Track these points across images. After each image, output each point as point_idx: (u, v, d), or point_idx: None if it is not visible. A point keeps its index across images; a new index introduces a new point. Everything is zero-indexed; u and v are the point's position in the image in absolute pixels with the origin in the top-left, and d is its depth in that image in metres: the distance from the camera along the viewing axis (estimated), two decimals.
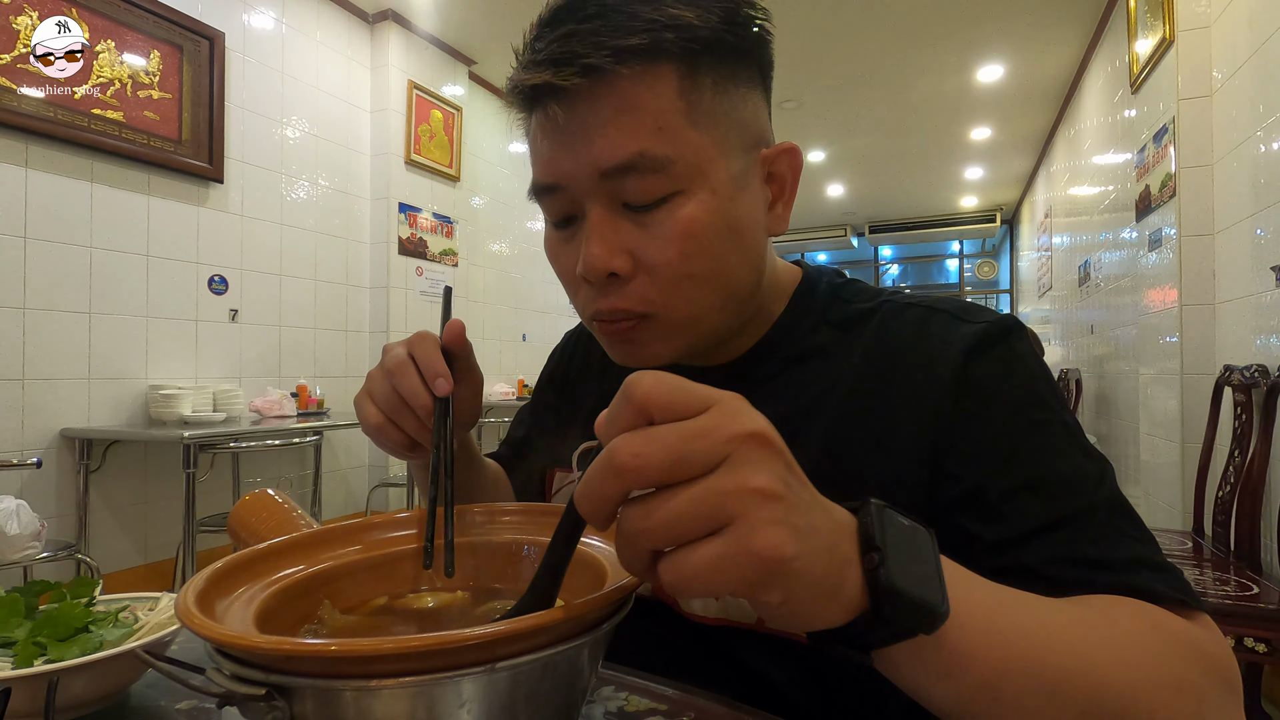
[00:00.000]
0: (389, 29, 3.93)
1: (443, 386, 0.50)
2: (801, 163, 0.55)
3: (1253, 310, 2.20)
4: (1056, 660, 0.33)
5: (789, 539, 0.26)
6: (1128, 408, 3.45)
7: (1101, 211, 3.92)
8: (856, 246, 9.97)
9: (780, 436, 0.28)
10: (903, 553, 0.30)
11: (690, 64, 0.47)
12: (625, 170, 0.46)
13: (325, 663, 0.29)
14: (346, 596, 0.45)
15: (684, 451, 0.26)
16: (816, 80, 4.79)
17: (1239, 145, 2.29)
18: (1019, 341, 0.51)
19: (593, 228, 0.48)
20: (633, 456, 0.26)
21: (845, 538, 0.30)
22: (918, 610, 0.29)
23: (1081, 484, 0.45)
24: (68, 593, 0.53)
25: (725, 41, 0.48)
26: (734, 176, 0.50)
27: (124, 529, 2.79)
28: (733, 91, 0.49)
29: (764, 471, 0.27)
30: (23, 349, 2.47)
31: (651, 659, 0.53)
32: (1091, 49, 4.18)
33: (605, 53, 0.45)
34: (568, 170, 0.48)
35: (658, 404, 0.27)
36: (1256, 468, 1.85)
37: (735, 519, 0.26)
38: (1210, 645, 0.38)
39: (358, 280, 3.88)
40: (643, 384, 0.27)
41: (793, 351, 0.57)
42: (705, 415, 0.27)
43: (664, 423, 0.27)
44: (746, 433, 0.27)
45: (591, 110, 0.46)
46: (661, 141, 0.46)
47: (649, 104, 0.46)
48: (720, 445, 0.26)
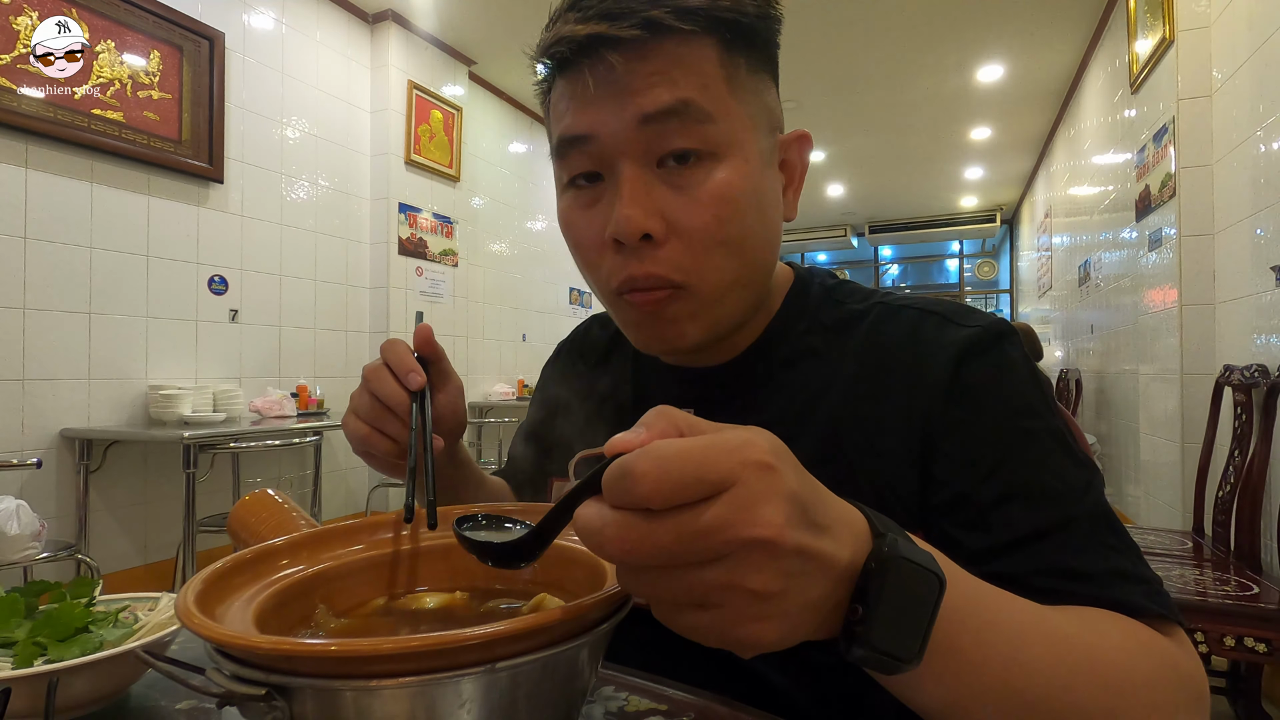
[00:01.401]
0: (389, 29, 3.93)
1: (415, 380, 0.53)
2: (811, 151, 0.56)
3: (1253, 310, 2.20)
4: (1036, 685, 0.34)
5: (772, 630, 0.27)
6: (1128, 408, 3.45)
7: (1101, 211, 3.92)
8: (856, 246, 9.97)
9: (800, 514, 0.26)
10: (893, 605, 0.28)
11: (727, 43, 0.48)
12: (669, 115, 0.46)
13: (325, 663, 0.29)
14: (346, 597, 0.45)
15: (678, 551, 0.25)
16: (816, 80, 4.79)
17: (1239, 145, 2.29)
18: (1011, 347, 0.51)
19: (627, 185, 0.47)
20: (624, 553, 0.26)
21: (842, 585, 0.29)
22: (884, 661, 0.29)
23: (1067, 494, 0.46)
24: (68, 593, 0.53)
25: (757, 29, 0.50)
26: (761, 154, 0.51)
27: (124, 529, 2.79)
28: (759, 75, 0.51)
29: (766, 573, 0.26)
30: (23, 349, 2.47)
31: (651, 665, 0.53)
32: (1091, 49, 4.18)
33: (666, 9, 0.46)
34: (605, 119, 0.48)
35: (659, 501, 0.25)
36: (1256, 468, 1.85)
37: (722, 607, 0.26)
38: (1184, 661, 0.40)
39: (358, 280, 3.88)
40: (648, 478, 0.25)
41: (786, 354, 0.57)
42: (716, 509, 0.25)
43: (665, 511, 0.25)
44: (756, 539, 0.25)
45: (638, 63, 0.47)
46: (707, 97, 0.47)
47: (695, 65, 0.47)
48: (720, 547, 0.25)
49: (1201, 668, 0.40)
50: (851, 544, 0.29)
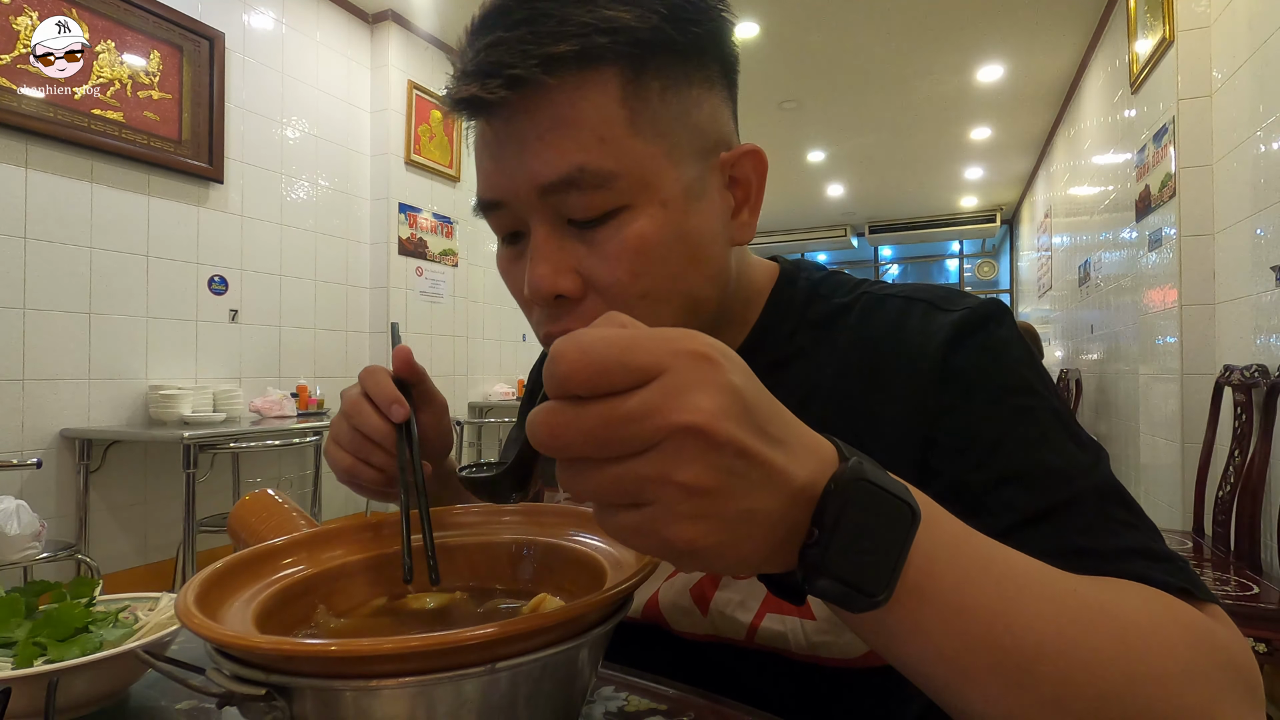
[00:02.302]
0: (389, 29, 3.93)
1: (398, 412, 0.50)
2: (766, 165, 0.50)
3: (1253, 310, 2.20)
4: (1035, 639, 0.30)
5: (708, 532, 0.25)
6: (1128, 408, 3.45)
7: (1101, 211, 3.92)
8: (856, 246, 9.97)
9: (739, 408, 0.25)
10: (853, 530, 0.27)
11: (633, 68, 0.43)
12: (565, 186, 0.43)
13: (325, 663, 0.29)
14: (346, 597, 0.45)
15: (605, 437, 0.25)
16: (816, 80, 4.79)
17: (1239, 145, 2.29)
18: (1000, 327, 0.49)
19: (536, 248, 0.45)
20: (550, 436, 0.25)
21: (799, 506, 0.27)
22: (844, 593, 0.27)
23: (1070, 472, 0.43)
24: (68, 593, 0.53)
25: (672, 41, 0.44)
26: (687, 187, 0.46)
27: (124, 529, 2.79)
28: (685, 94, 0.46)
29: (696, 464, 0.24)
30: (23, 349, 2.47)
31: (651, 666, 0.53)
32: (1091, 49, 4.18)
33: (533, 62, 0.41)
34: (508, 185, 0.45)
35: (581, 384, 0.25)
36: (1256, 468, 1.85)
37: (654, 504, 0.25)
38: (1224, 637, 0.35)
39: (358, 280, 3.88)
40: (565, 359, 0.25)
41: (773, 356, 0.54)
42: (643, 393, 0.24)
43: (593, 398, 0.25)
44: (685, 424, 0.24)
45: (527, 123, 0.43)
46: (603, 154, 0.43)
47: (587, 115, 0.43)
48: (650, 433, 0.24)
49: (1248, 649, 0.35)
50: (813, 465, 0.28)
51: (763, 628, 0.50)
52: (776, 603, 0.50)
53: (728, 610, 0.51)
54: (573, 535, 0.47)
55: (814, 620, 0.49)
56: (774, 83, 4.77)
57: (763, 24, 4.03)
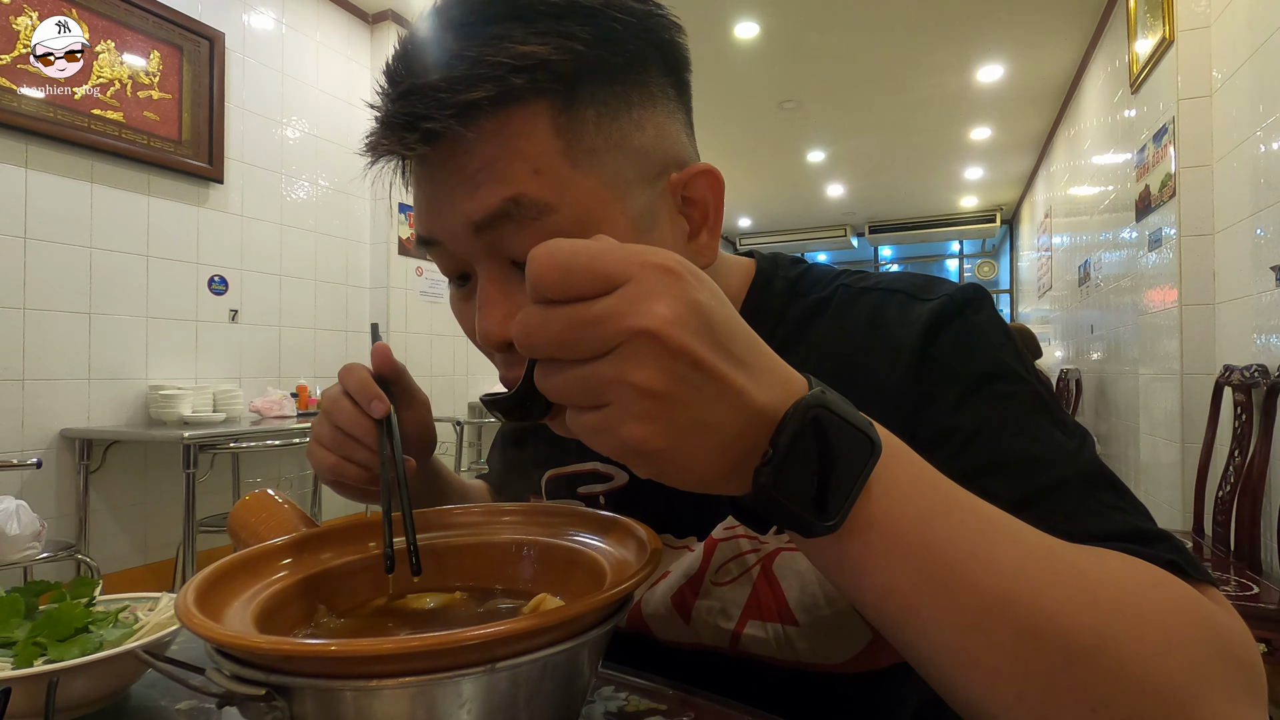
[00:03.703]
0: (389, 29, 3.93)
1: (378, 408, 0.50)
2: (723, 184, 0.47)
3: (1253, 310, 2.20)
4: (998, 584, 0.29)
5: (658, 434, 0.27)
6: (1128, 408, 3.45)
7: (1101, 211, 3.92)
8: (856, 246, 9.97)
9: (698, 322, 0.27)
10: (808, 454, 0.28)
11: (563, 99, 0.40)
12: (500, 219, 0.40)
13: (325, 663, 0.29)
14: (346, 597, 0.45)
15: (570, 338, 0.27)
16: (816, 80, 4.79)
17: (1239, 145, 2.29)
18: (977, 313, 0.48)
19: (483, 294, 0.43)
20: (523, 335, 0.27)
21: (758, 428, 0.28)
22: (793, 517, 0.28)
23: (1054, 457, 0.41)
24: (68, 593, 0.53)
25: (602, 63, 0.41)
26: (634, 219, 0.43)
27: (124, 529, 2.79)
28: (624, 117, 0.42)
29: (649, 368, 0.26)
30: (23, 349, 2.47)
31: (650, 666, 0.53)
32: (1091, 49, 4.18)
33: (448, 113, 0.38)
34: (443, 225, 0.43)
35: (550, 286, 0.27)
36: (1256, 468, 1.85)
37: (610, 405, 0.27)
38: (1219, 616, 0.33)
39: (358, 280, 3.88)
40: (537, 262, 0.27)
41: None
42: (607, 300, 0.26)
43: (563, 301, 0.27)
44: (641, 328, 0.26)
45: (453, 168, 0.41)
46: (539, 185, 0.40)
47: (516, 152, 0.40)
48: (610, 336, 0.26)
49: (1248, 632, 0.33)
50: (778, 392, 0.29)
51: (746, 634, 0.50)
52: (758, 609, 0.50)
53: (710, 618, 0.51)
54: (573, 535, 0.47)
55: (797, 626, 0.49)
56: (774, 83, 4.77)
57: (763, 24, 4.03)
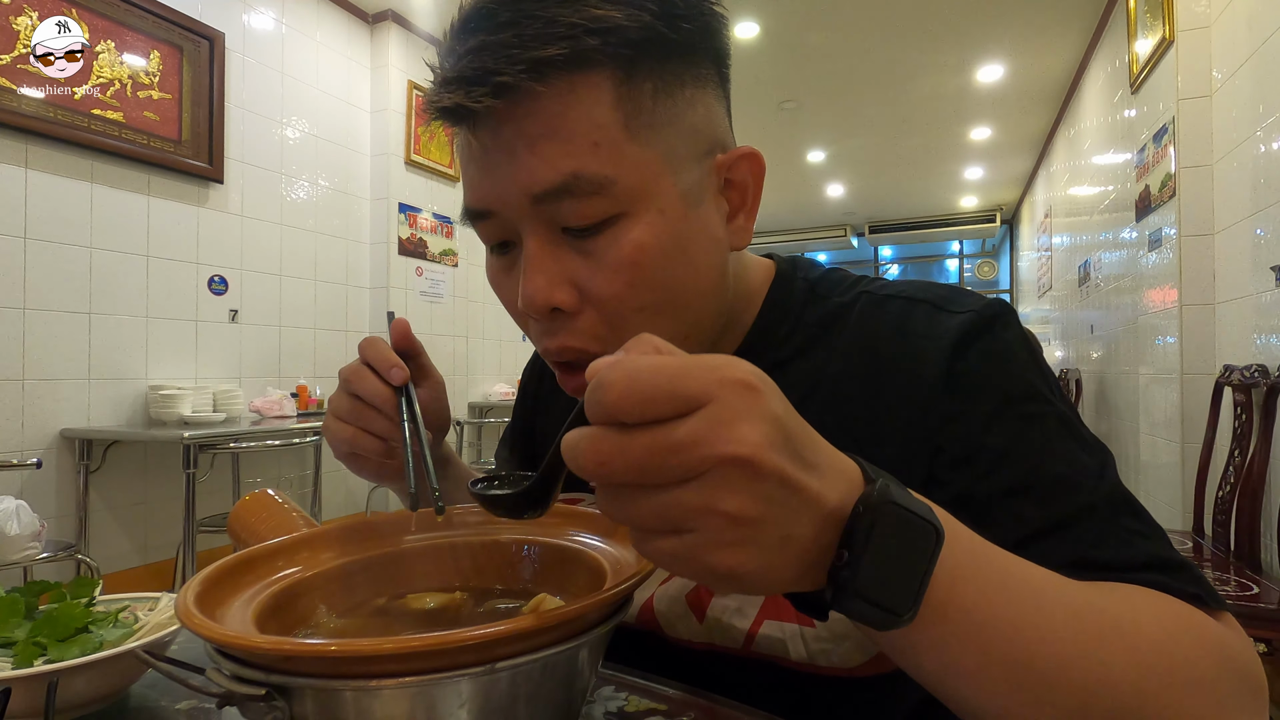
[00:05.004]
0: (389, 29, 3.93)
1: (398, 375, 0.50)
2: (764, 168, 0.49)
3: (1253, 310, 2.20)
4: (1051, 653, 0.31)
5: (747, 559, 0.26)
6: (1128, 408, 3.45)
7: (1101, 211, 3.92)
8: (856, 246, 9.97)
9: (781, 438, 0.26)
10: (882, 552, 0.27)
11: (625, 70, 0.41)
12: (559, 194, 0.41)
13: (325, 663, 0.29)
14: (346, 597, 0.45)
15: (652, 466, 0.25)
16: (816, 80, 4.79)
17: (1239, 145, 2.29)
18: (1005, 330, 0.48)
19: (530, 258, 0.43)
20: (597, 465, 0.25)
21: (830, 529, 0.28)
22: (872, 613, 0.28)
23: (1079, 481, 0.42)
24: (68, 593, 0.53)
25: (664, 39, 0.42)
26: (685, 193, 0.44)
27: (124, 529, 2.79)
28: (679, 94, 0.44)
29: (741, 495, 0.25)
30: (23, 349, 2.47)
31: (650, 666, 0.53)
32: (1091, 49, 4.18)
33: (520, 68, 0.39)
34: (498, 194, 0.43)
35: (628, 411, 0.25)
36: (1256, 468, 1.85)
37: (696, 531, 0.25)
38: (1234, 644, 0.36)
39: (358, 280, 3.88)
40: (615, 387, 0.25)
41: (772, 358, 0.53)
42: (690, 423, 0.24)
43: (639, 426, 0.25)
44: (730, 456, 0.24)
45: (516, 131, 0.41)
46: (599, 159, 0.41)
47: (580, 119, 0.41)
48: (696, 463, 0.24)
49: (1255, 655, 0.36)
50: (843, 488, 0.28)
51: (761, 635, 0.49)
52: (775, 609, 0.49)
53: (725, 617, 0.51)
54: (573, 535, 0.47)
55: (813, 627, 0.48)
56: (774, 83, 4.77)
57: (762, 24, 4.03)
